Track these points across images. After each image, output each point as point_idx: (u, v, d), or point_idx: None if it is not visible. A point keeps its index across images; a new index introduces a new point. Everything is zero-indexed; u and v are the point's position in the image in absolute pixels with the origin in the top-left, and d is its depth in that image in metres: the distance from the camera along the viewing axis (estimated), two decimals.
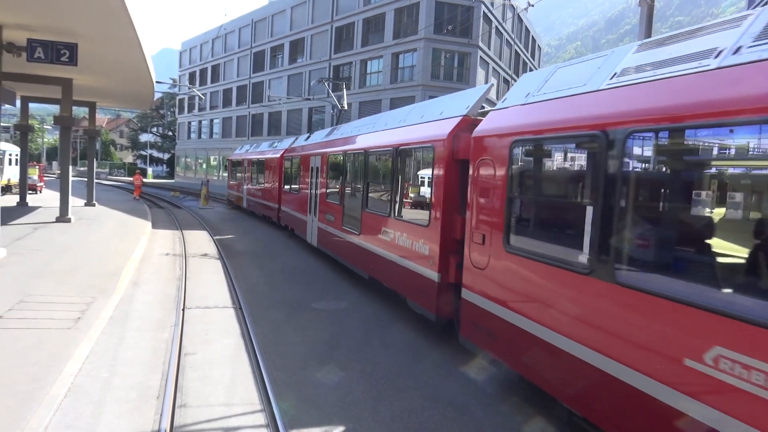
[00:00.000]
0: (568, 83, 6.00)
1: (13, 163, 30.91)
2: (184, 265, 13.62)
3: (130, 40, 13.72)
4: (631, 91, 4.90)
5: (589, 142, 5.30)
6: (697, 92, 4.18)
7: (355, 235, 12.04)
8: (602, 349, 4.75)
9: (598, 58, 6.00)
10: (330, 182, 14.78)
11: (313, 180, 16.63)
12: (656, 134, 4.66)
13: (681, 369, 3.98)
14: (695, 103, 4.13)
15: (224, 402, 6.01)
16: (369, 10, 45.96)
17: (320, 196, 15.57)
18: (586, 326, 4.97)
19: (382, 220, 10.47)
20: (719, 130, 4.07)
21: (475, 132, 7.29)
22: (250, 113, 61.86)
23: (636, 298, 4.43)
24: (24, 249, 13.33)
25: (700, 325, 3.86)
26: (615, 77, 5.28)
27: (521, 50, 56.44)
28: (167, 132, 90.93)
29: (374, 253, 10.86)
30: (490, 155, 6.80)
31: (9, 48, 12.57)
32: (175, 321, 8.77)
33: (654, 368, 4.23)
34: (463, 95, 9.06)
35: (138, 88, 22.94)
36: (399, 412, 6.03)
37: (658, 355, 4.20)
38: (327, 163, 15.11)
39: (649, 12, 10.57)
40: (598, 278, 4.85)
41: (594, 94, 5.42)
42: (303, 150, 18.92)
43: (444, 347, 8.28)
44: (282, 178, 22.43)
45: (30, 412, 5.14)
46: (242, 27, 64.22)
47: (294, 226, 19.39)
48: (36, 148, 75.84)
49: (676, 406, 4.01)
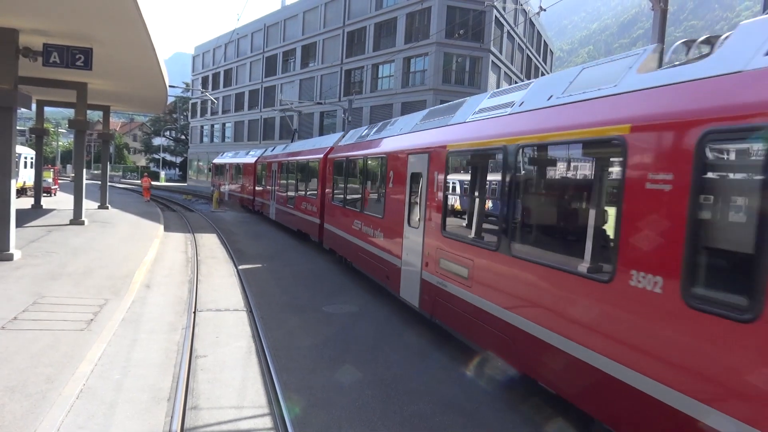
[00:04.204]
0: (400, 125, 11.95)
1: (29, 166, 31.26)
2: (195, 267, 13.70)
3: (144, 45, 13.84)
4: (476, 124, 8.10)
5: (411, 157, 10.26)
6: (502, 127, 7.21)
7: (290, 208, 21.97)
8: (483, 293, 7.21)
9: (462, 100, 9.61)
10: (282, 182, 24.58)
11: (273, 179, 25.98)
12: (475, 152, 8.01)
13: (529, 293, 6.23)
14: (501, 133, 7.15)
15: (235, 404, 6.03)
16: (381, 15, 46.09)
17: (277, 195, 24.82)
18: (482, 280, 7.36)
19: (303, 198, 20.14)
20: (514, 146, 6.74)
21: (329, 154, 17.24)
22: (262, 117, 62.20)
23: (520, 264, 6.41)
24: (38, 251, 13.48)
25: (552, 276, 5.83)
26: (473, 114, 8.41)
27: (533, 54, 56.28)
28: (180, 136, 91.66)
29: (299, 216, 20.53)
30: (330, 163, 16.37)
31: (25, 53, 12.72)
32: (186, 323, 8.81)
33: (518, 302, 6.43)
34: (334, 135, 19.67)
35: (151, 92, 23.13)
36: (409, 417, 6.01)
37: (522, 293, 6.34)
38: (280, 168, 24.78)
39: (662, 16, 10.49)
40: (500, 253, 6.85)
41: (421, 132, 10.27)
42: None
43: (453, 352, 8.25)
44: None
45: (43, 412, 5.18)
46: (255, 31, 64.65)
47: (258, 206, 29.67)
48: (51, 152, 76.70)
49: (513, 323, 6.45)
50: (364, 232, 12.49)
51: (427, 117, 10.46)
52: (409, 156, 10.18)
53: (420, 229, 9.39)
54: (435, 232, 8.76)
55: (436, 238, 8.73)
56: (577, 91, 6.08)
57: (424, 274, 9.14)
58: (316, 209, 18.03)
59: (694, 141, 4.21)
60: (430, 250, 8.94)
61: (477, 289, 7.34)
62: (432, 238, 8.89)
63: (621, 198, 4.91)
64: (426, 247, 9.12)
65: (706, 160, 4.19)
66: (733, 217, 4.30)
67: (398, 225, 10.40)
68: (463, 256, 7.80)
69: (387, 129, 12.58)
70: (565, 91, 6.34)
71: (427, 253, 9.08)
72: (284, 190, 23.26)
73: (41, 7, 11.15)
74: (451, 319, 8.18)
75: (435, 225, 8.78)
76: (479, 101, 8.62)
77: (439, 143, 8.96)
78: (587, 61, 7.36)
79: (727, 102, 4.07)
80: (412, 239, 9.71)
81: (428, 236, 9.04)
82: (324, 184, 17.29)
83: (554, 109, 6.28)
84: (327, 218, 16.37)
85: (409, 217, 9.99)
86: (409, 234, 9.89)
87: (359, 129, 15.85)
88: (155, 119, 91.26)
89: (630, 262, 4.74)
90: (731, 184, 4.42)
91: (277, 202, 24.67)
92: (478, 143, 7.76)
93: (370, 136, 13.60)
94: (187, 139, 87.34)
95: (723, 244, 4.29)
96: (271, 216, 25.90)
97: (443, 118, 9.57)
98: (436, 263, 8.66)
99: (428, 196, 9.15)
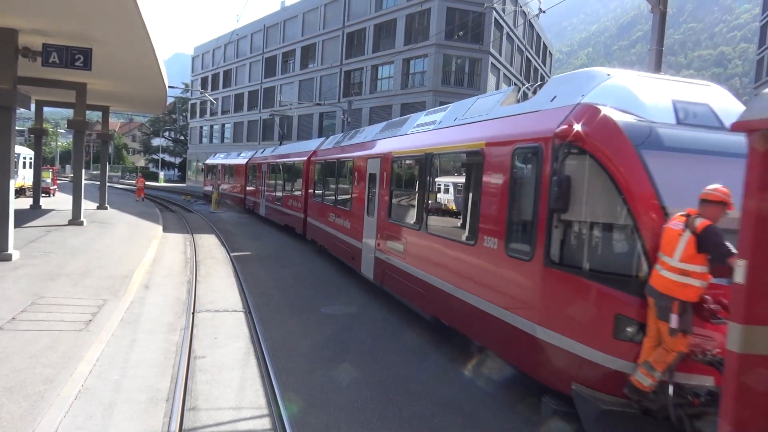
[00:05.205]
0: (365, 134, 14.46)
1: (27, 167, 31.22)
2: (194, 268, 13.69)
3: (144, 45, 13.84)
4: (420, 135, 10.28)
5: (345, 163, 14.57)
6: (425, 140, 9.76)
7: (279, 205, 24.03)
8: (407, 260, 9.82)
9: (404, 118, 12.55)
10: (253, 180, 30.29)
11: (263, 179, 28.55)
12: (409, 158, 10.58)
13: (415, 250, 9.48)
14: (424, 144, 9.70)
15: (233, 405, 6.02)
16: (380, 16, 46.11)
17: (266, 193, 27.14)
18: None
19: (289, 196, 22.23)
20: (429, 154, 9.38)
21: (312, 157, 19.48)
22: (261, 118, 62.18)
23: (431, 238, 8.97)
24: (37, 251, 13.47)
25: (448, 244, 8.43)
26: (413, 128, 10.91)
27: (532, 56, 56.33)
28: (179, 136, 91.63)
29: (286, 212, 22.50)
30: (313, 165, 19.12)
31: (25, 53, 12.70)
32: (185, 324, 8.81)
33: (430, 265, 8.94)
34: (317, 140, 22.51)
35: (151, 92, 23.12)
36: (408, 418, 6.01)
37: (431, 258, 8.89)
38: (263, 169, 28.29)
39: (662, 19, 10.51)
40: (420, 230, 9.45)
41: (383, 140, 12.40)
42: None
43: (452, 352, 8.25)
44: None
45: (41, 413, 5.17)
46: (254, 32, 64.64)
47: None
48: (49, 152, 76.59)
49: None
50: (337, 223, 14.89)
51: (385, 128, 12.97)
52: (368, 160, 12.57)
53: (374, 217, 11.73)
54: (384, 220, 11.15)
55: (384, 224, 11.14)
56: (469, 116, 8.60)
57: (377, 253, 11.45)
58: (300, 205, 20.13)
59: (511, 153, 6.75)
60: (381, 233, 11.32)
61: (409, 259, 9.75)
62: (382, 224, 11.30)
63: (479, 191, 7.44)
64: (378, 231, 11.48)
65: (515, 166, 6.68)
66: (526, 203, 6.39)
67: (360, 215, 12.75)
68: (400, 236, 10.26)
69: (357, 137, 15.06)
70: (464, 115, 8.84)
71: (378, 236, 11.43)
72: (273, 189, 25.58)
73: (41, 7, 11.15)
74: (395, 285, 10.49)
75: (384, 214, 11.15)
76: (418, 118, 11.15)
77: (387, 150, 11.43)
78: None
79: (526, 130, 6.63)
80: (369, 226, 12.05)
81: (379, 223, 11.43)
82: (307, 184, 19.65)
83: (454, 128, 8.90)
84: (309, 213, 18.83)
85: (367, 209, 12.29)
86: (367, 222, 12.22)
87: (336, 135, 19.14)
88: (154, 120, 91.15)
89: (484, 231, 7.23)
90: (527, 182, 6.43)
91: (266, 200, 26.81)
92: (410, 151, 10.41)
93: (343, 142, 16.28)
94: (186, 140, 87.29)
95: (522, 218, 6.50)
96: (261, 213, 27.88)
97: (394, 130, 12.11)
98: (385, 243, 11.03)
99: (380, 191, 11.53)
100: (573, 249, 5.78)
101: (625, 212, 5.33)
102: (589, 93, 6.06)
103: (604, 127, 5.58)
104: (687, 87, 6.36)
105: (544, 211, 5.90)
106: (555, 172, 5.75)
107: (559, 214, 5.71)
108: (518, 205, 6.53)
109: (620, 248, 5.59)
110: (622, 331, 5.20)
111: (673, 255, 4.84)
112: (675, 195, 5.24)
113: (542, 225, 5.91)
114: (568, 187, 5.54)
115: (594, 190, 5.58)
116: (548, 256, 5.83)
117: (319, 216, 17.18)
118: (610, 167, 5.41)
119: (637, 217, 5.23)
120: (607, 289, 5.34)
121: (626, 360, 5.17)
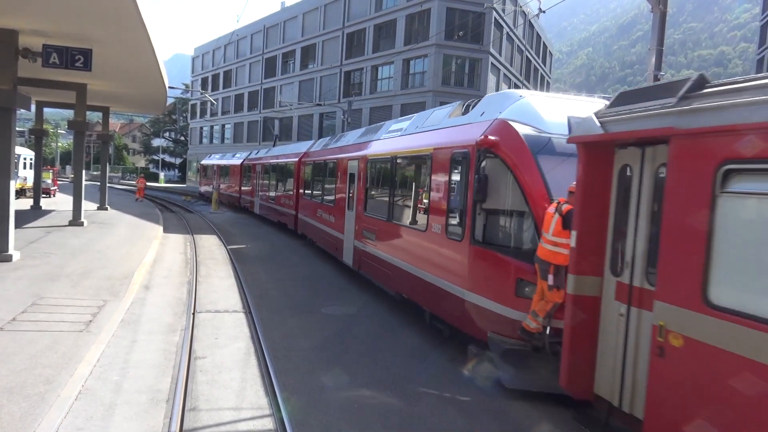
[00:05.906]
0: (346, 139, 16.28)
1: (28, 167, 31.23)
2: (194, 269, 13.70)
3: (144, 46, 13.85)
4: (389, 141, 12.06)
5: (329, 163, 16.58)
6: (393, 145, 11.56)
7: (272, 203, 25.49)
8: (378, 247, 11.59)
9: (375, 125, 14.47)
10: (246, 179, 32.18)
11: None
12: (381, 160, 12.20)
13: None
14: (391, 149, 11.53)
15: (233, 406, 6.02)
16: (380, 16, 46.09)
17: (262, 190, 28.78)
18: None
19: (282, 195, 23.91)
20: (395, 157, 11.21)
21: (302, 158, 21.10)
22: (261, 118, 62.20)
23: (395, 227, 10.84)
24: (37, 252, 13.48)
25: (407, 231, 10.27)
26: (385, 134, 12.64)
27: (532, 56, 56.32)
28: (179, 137, 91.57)
29: (279, 210, 24.13)
30: (303, 166, 20.88)
31: (25, 53, 12.70)
32: (185, 325, 8.81)
33: (394, 249, 10.72)
34: (308, 143, 23.73)
35: (151, 93, 23.13)
36: (408, 418, 6.01)
37: (395, 243, 10.72)
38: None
39: (662, 18, 10.52)
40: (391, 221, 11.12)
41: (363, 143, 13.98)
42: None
43: (452, 352, 8.25)
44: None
45: (41, 414, 5.18)
46: (254, 33, 64.61)
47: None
48: (50, 153, 76.58)
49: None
50: (324, 218, 16.51)
51: (364, 134, 14.74)
52: (348, 161, 14.34)
53: (353, 211, 13.42)
54: (361, 213, 12.83)
55: (361, 217, 12.80)
56: (426, 126, 10.34)
57: (355, 243, 13.06)
58: (292, 203, 21.72)
59: (449, 156, 8.53)
60: (359, 225, 12.93)
61: (379, 246, 11.43)
62: (359, 217, 12.92)
63: (429, 187, 9.27)
64: (357, 223, 13.08)
65: (452, 167, 8.45)
66: (460, 196, 8.09)
67: (342, 210, 14.40)
68: (373, 226, 11.92)
69: (341, 140, 16.91)
70: (423, 124, 10.59)
71: (357, 227, 13.03)
72: (267, 188, 27.24)
73: (41, 8, 11.16)
74: (370, 270, 12.10)
75: (361, 208, 12.84)
76: (390, 125, 12.93)
77: (364, 153, 13.16)
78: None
79: (460, 138, 8.38)
80: (350, 219, 13.68)
81: (358, 216, 13.02)
82: (298, 183, 21.35)
83: (414, 135, 10.69)
84: (300, 210, 20.52)
85: (348, 205, 13.98)
86: (348, 216, 13.87)
87: (325, 138, 21.55)
88: (155, 120, 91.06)
89: (432, 219, 8.98)
90: (461, 180, 8.11)
91: (261, 199, 28.31)
92: (381, 154, 12.05)
93: (330, 145, 18.15)
94: (186, 141, 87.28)
95: (457, 208, 8.13)
96: (256, 211, 29.35)
97: (371, 135, 13.81)
98: (362, 233, 12.64)
99: (358, 189, 13.18)
100: (489, 230, 7.57)
101: (524, 202, 7.06)
102: (504, 110, 7.79)
103: (510, 137, 7.32)
104: (582, 104, 8.04)
105: (470, 202, 7.61)
106: (477, 172, 7.48)
107: (480, 204, 7.46)
108: (455, 198, 8.33)
109: (521, 229, 7.35)
110: (522, 290, 6.91)
111: (548, 231, 6.41)
112: (560, 188, 6.65)
113: (469, 212, 7.66)
114: (486, 184, 7.31)
115: (503, 186, 7.35)
116: (473, 237, 7.60)
117: (309, 212, 18.85)
118: (514, 168, 7.15)
119: (532, 205, 6.92)
120: (512, 260, 7.14)
121: (523, 312, 6.81)
